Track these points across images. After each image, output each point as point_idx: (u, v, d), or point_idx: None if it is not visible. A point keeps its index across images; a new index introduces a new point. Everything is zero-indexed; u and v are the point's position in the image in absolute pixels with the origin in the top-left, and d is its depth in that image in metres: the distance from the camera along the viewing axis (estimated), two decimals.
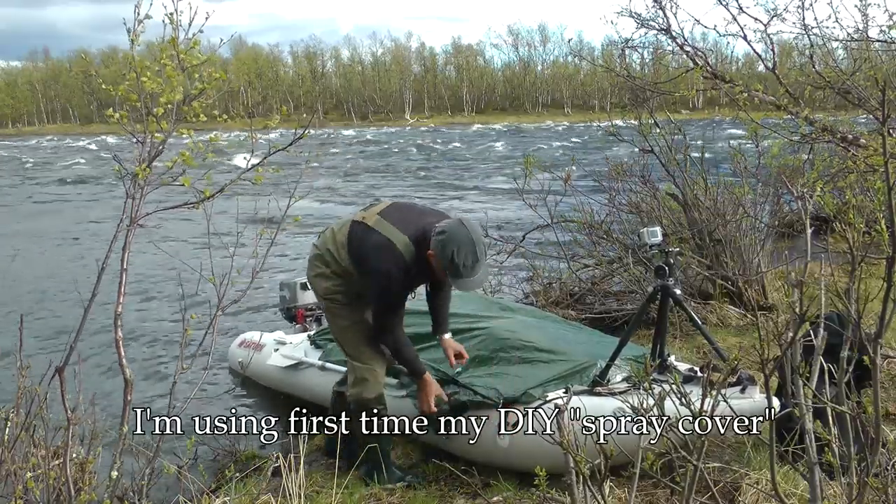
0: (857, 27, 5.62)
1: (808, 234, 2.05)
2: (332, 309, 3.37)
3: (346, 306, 3.34)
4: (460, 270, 2.94)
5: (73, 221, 14.93)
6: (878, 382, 1.71)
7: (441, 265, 2.99)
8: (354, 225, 3.25)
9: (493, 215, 9.65)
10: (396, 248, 3.08)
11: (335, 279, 3.30)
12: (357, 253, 3.22)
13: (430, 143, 42.41)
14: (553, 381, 3.30)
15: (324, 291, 3.33)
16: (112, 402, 3.93)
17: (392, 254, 3.07)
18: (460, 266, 2.93)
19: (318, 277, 3.34)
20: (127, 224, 2.23)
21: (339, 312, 3.35)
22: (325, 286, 3.32)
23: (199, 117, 2.31)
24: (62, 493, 2.19)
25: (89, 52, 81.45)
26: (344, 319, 3.35)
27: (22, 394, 2.37)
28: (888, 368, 4.06)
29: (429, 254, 3.03)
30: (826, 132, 5.04)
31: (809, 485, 1.87)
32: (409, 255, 3.06)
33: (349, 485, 3.18)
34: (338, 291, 3.32)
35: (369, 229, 3.15)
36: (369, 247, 3.16)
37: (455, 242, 2.93)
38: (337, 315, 3.36)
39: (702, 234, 5.65)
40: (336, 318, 3.38)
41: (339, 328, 3.38)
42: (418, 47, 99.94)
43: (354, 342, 3.37)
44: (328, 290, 3.32)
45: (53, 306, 7.73)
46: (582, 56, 47.01)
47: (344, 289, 3.31)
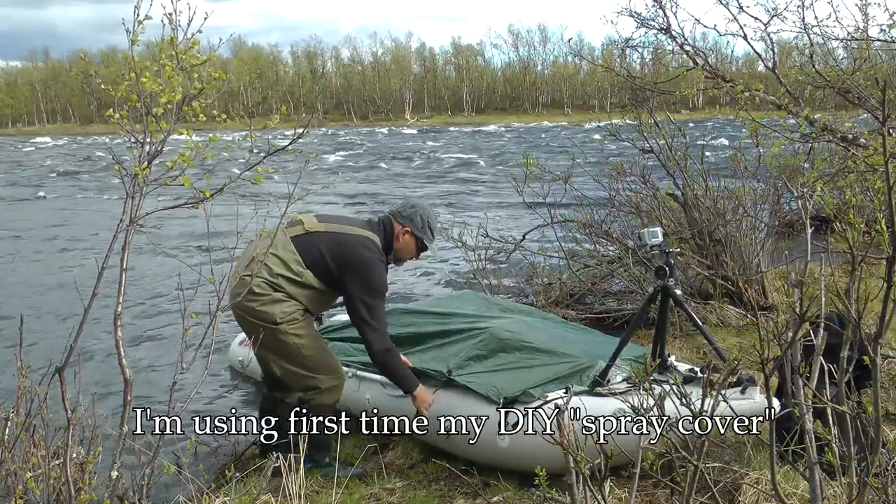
0: (857, 26, 5.62)
1: (808, 234, 2.04)
2: (287, 331, 3.27)
3: (302, 323, 3.31)
4: (433, 233, 3.43)
5: (72, 221, 14.94)
6: (878, 382, 1.71)
7: (417, 233, 3.37)
8: (303, 237, 3.23)
9: (493, 215, 9.66)
10: (372, 239, 3.27)
11: (290, 301, 3.25)
12: (338, 253, 3.21)
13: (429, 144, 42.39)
14: (553, 381, 3.30)
15: (281, 317, 3.23)
16: (112, 402, 3.93)
17: (374, 244, 3.28)
18: (434, 228, 3.42)
19: (269, 304, 3.22)
20: (126, 224, 2.23)
21: (296, 332, 3.29)
22: (281, 311, 3.23)
23: (199, 117, 2.30)
24: (62, 493, 2.19)
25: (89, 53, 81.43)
26: (302, 338, 3.30)
27: (22, 394, 2.37)
28: (888, 368, 4.06)
29: (400, 231, 3.36)
30: (826, 132, 5.04)
31: (809, 485, 1.87)
32: (380, 246, 3.32)
33: (349, 485, 3.19)
34: (294, 311, 3.27)
35: (331, 233, 3.16)
36: (349, 244, 3.22)
37: (426, 210, 3.41)
38: (293, 335, 3.28)
39: (702, 234, 5.65)
40: (294, 338, 3.29)
41: (298, 346, 3.30)
42: (418, 47, 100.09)
43: (317, 356, 3.36)
44: (285, 315, 3.24)
45: (53, 306, 7.73)
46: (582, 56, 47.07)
47: (302, 307, 3.29)
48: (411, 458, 3.64)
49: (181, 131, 2.30)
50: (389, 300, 3.71)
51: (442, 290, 7.71)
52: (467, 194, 17.73)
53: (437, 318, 4.14)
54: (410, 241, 3.40)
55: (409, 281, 8.66)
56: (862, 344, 1.74)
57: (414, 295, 7.90)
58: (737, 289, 5.57)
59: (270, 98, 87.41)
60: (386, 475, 3.44)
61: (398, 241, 3.39)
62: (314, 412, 3.38)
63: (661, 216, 5.94)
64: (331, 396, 3.42)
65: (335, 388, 3.42)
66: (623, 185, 6.33)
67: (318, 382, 3.37)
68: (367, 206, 15.68)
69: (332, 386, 3.41)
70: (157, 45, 2.26)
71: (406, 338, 3.96)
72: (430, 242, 3.44)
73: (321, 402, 3.39)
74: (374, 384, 3.81)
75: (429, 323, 4.08)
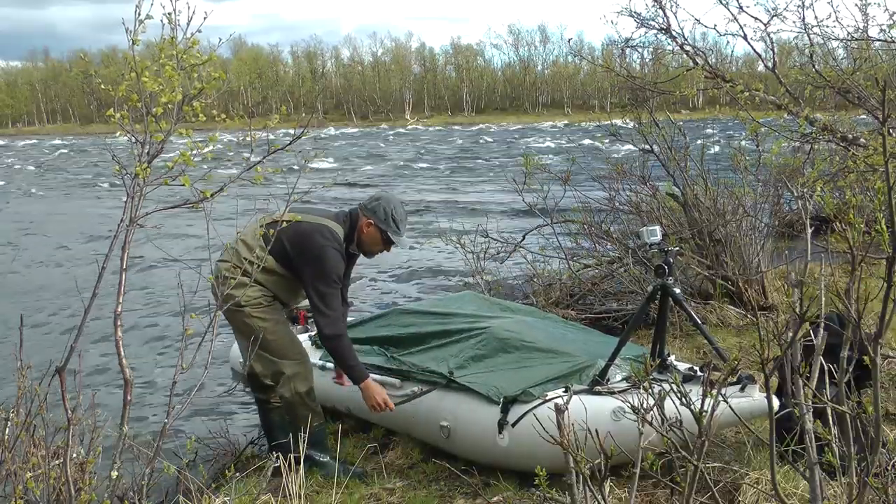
0: (857, 26, 5.63)
1: (808, 234, 2.05)
2: (251, 314, 3.38)
3: (266, 308, 3.42)
4: (398, 226, 3.44)
5: (72, 221, 14.94)
6: (878, 382, 1.71)
7: (380, 225, 3.41)
8: (272, 225, 3.26)
9: (492, 215, 9.66)
10: (331, 229, 3.36)
11: (255, 286, 3.35)
12: (295, 240, 3.32)
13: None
14: (553, 380, 3.30)
15: (246, 300, 3.33)
16: (112, 402, 3.93)
17: (331, 233, 3.36)
18: (399, 221, 3.44)
19: (236, 287, 3.28)
20: (127, 224, 2.23)
21: (260, 315, 3.40)
22: (246, 294, 3.32)
23: (199, 117, 2.30)
24: (62, 493, 2.19)
25: (89, 53, 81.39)
26: (266, 322, 3.40)
27: (22, 394, 2.37)
28: (888, 368, 4.05)
29: (364, 224, 3.43)
30: (826, 132, 5.04)
31: (809, 485, 1.87)
32: (341, 236, 3.41)
33: (349, 485, 3.19)
34: (259, 296, 3.39)
35: (294, 222, 3.20)
36: (306, 232, 3.32)
37: (390, 203, 3.45)
38: (257, 318, 3.39)
39: (702, 234, 5.65)
40: (257, 321, 3.38)
41: (262, 328, 3.36)
42: (418, 47, 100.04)
43: (280, 341, 3.46)
44: (249, 298, 3.34)
45: (53, 306, 7.74)
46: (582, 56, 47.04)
47: (264, 292, 3.41)
48: (411, 458, 3.64)
49: (181, 131, 2.30)
50: (390, 302, 3.72)
51: (442, 290, 7.71)
52: (467, 194, 17.74)
53: (437, 318, 4.14)
54: (375, 233, 3.46)
55: (410, 281, 8.67)
56: (862, 344, 1.74)
57: (414, 295, 7.91)
58: (737, 289, 5.56)
59: (270, 98, 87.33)
60: (386, 475, 3.45)
61: (363, 232, 3.46)
62: (293, 405, 3.46)
63: (660, 216, 5.94)
64: (302, 384, 3.47)
65: (300, 374, 3.48)
66: (623, 186, 6.32)
67: (282, 367, 3.45)
68: None
69: (297, 372, 3.47)
70: (157, 44, 2.26)
71: (406, 338, 3.96)
72: (395, 235, 3.47)
73: (294, 389, 3.45)
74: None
75: (429, 323, 4.08)
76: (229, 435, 4.10)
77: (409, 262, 9.84)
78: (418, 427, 3.65)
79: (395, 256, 10.29)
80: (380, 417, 3.87)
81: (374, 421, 3.96)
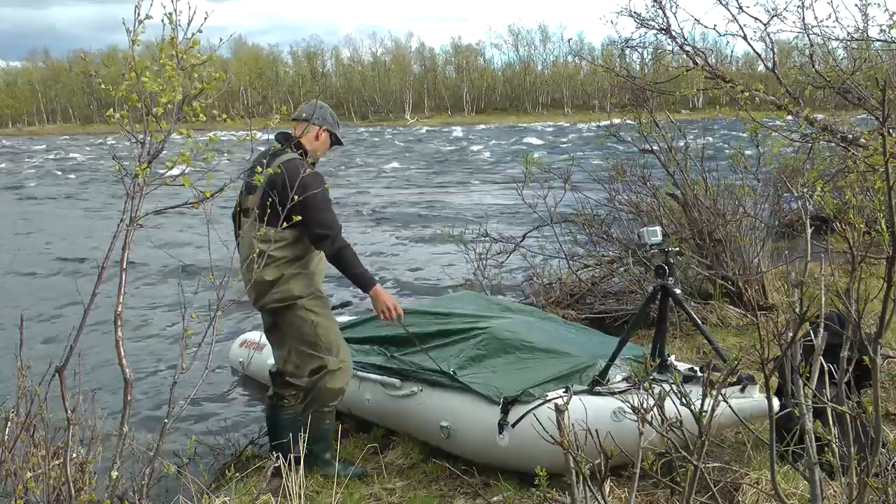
0: (857, 27, 5.63)
1: (808, 234, 2.04)
2: (306, 306, 3.39)
3: (319, 301, 3.44)
4: (338, 122, 3.61)
5: (73, 221, 14.94)
6: (878, 382, 1.71)
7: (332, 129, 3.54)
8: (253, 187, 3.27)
9: (493, 215, 9.65)
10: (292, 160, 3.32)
11: (296, 277, 3.35)
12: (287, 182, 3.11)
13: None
14: (553, 380, 3.30)
15: (304, 291, 3.35)
16: (112, 402, 3.93)
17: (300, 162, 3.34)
18: (336, 118, 3.60)
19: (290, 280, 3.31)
20: (127, 224, 2.23)
21: (314, 307, 3.41)
22: (301, 286, 3.35)
23: (199, 117, 2.30)
24: (62, 493, 2.19)
25: (89, 53, 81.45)
26: (318, 315, 3.41)
27: (22, 394, 2.37)
28: (888, 368, 4.06)
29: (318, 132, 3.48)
30: (826, 132, 5.04)
31: (809, 485, 1.87)
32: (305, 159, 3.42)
33: (349, 485, 3.19)
34: (309, 287, 3.40)
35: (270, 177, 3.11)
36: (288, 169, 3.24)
37: (324, 107, 3.56)
38: (311, 311, 3.40)
39: (702, 234, 5.65)
40: (310, 315, 3.39)
41: (315, 325, 3.39)
42: (418, 47, 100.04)
43: (331, 335, 3.45)
44: (304, 289, 3.36)
45: (53, 306, 7.73)
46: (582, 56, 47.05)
47: (308, 281, 3.40)
48: (411, 458, 3.65)
49: (181, 131, 2.30)
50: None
51: (442, 290, 7.71)
52: (467, 194, 17.74)
53: (438, 318, 4.14)
54: (328, 138, 3.56)
55: (410, 281, 8.67)
56: (862, 344, 1.74)
57: (414, 295, 7.91)
58: (737, 289, 5.57)
59: (270, 98, 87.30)
60: (386, 475, 3.45)
61: (317, 140, 3.52)
62: (321, 399, 3.44)
63: (661, 216, 5.94)
64: (339, 380, 3.45)
65: (341, 370, 3.46)
66: (623, 186, 6.33)
67: (326, 362, 3.43)
68: (367, 208, 15.67)
69: (339, 368, 3.45)
70: (157, 44, 2.26)
71: (406, 338, 3.97)
72: (339, 132, 3.62)
73: (330, 385, 3.43)
74: (375, 385, 3.81)
75: (429, 323, 4.08)
76: (229, 435, 4.11)
77: (409, 262, 9.84)
78: (418, 427, 3.65)
79: (395, 256, 10.31)
80: (380, 417, 3.87)
81: (373, 421, 3.96)
